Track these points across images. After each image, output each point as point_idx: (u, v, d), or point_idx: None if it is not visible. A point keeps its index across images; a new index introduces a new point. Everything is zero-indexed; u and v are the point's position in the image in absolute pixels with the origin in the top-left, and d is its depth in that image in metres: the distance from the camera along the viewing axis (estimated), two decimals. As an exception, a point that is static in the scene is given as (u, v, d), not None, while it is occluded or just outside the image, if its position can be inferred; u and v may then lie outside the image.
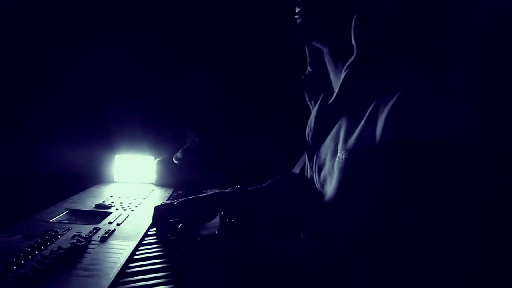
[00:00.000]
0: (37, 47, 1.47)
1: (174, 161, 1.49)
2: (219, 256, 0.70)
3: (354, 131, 0.73)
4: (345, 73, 0.76)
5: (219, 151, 1.58)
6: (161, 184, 1.50)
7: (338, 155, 0.75)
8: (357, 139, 0.71)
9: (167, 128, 1.67)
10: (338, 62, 0.84)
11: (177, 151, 1.50)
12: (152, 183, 1.51)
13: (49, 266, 0.61)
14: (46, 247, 0.69)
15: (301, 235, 0.78)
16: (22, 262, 0.62)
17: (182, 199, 0.89)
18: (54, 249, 0.67)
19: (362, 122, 0.71)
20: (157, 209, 0.88)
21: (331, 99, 0.81)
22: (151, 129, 1.63)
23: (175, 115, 1.68)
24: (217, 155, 1.56)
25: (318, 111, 0.92)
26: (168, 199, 1.23)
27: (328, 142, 0.83)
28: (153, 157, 1.55)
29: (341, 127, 0.78)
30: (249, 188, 0.94)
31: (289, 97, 0.98)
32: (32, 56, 1.47)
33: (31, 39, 1.46)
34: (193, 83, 1.62)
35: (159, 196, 1.27)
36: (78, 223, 0.90)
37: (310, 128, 0.94)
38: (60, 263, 0.63)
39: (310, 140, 0.92)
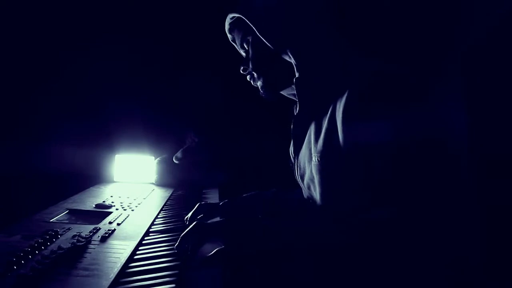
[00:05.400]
0: (37, 47, 1.47)
1: (174, 161, 1.49)
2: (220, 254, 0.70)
3: (321, 133, 0.75)
4: (294, 87, 0.81)
5: (219, 151, 1.58)
6: (161, 184, 1.50)
7: (313, 159, 0.77)
8: (324, 140, 0.73)
9: (167, 128, 1.67)
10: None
11: (177, 151, 1.50)
12: (152, 183, 1.51)
13: (49, 266, 0.61)
14: (46, 247, 0.69)
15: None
16: (22, 262, 0.62)
17: (227, 200, 0.97)
18: (54, 249, 0.67)
19: (325, 123, 0.73)
20: (200, 207, 0.94)
21: (296, 111, 0.86)
22: (151, 129, 1.63)
23: (175, 115, 1.68)
24: (217, 155, 1.57)
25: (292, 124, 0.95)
26: (168, 199, 1.23)
27: (304, 150, 0.84)
28: (153, 157, 1.55)
29: (311, 132, 0.80)
30: (285, 191, 0.99)
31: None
32: (33, 57, 1.47)
33: (32, 39, 1.46)
34: (193, 83, 1.62)
35: (159, 196, 1.27)
36: (78, 223, 0.90)
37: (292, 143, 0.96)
38: (60, 263, 0.63)
39: (292, 153, 0.94)
